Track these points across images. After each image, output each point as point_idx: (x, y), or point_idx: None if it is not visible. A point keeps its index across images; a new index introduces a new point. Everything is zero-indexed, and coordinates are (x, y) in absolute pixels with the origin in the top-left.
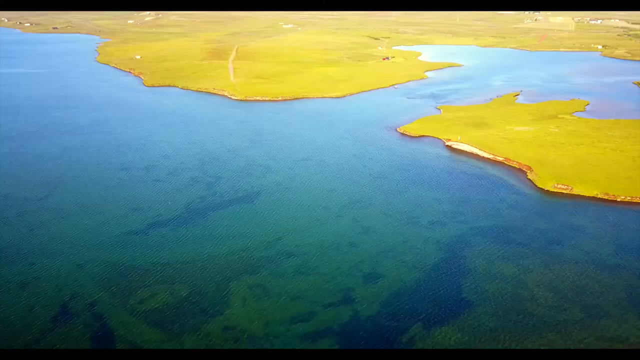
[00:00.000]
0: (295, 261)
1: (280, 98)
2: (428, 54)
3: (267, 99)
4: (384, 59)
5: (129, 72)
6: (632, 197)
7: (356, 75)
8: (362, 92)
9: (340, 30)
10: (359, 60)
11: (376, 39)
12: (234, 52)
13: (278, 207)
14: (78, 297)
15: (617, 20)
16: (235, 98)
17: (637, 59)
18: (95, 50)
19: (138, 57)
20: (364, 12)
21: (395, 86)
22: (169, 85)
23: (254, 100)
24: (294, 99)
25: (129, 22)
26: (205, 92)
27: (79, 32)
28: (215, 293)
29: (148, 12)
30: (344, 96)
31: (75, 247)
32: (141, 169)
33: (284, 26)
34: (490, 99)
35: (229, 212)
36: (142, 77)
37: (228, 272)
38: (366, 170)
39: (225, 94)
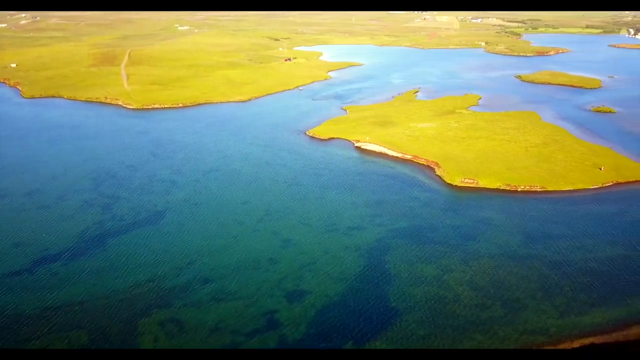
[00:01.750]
0: (211, 287)
1: (180, 105)
2: (329, 53)
3: (166, 106)
4: (286, 60)
5: (3, 82)
6: (531, 186)
7: (259, 77)
8: (267, 94)
9: (239, 32)
10: (261, 62)
11: (276, 39)
12: (126, 57)
13: (187, 227)
14: None
15: (495, 19)
16: (131, 107)
17: (515, 54)
18: None
19: (13, 65)
20: (261, 12)
21: (300, 88)
22: (53, 96)
23: (152, 108)
24: (196, 105)
25: (1, 25)
26: (96, 102)
27: None
28: (121, 335)
29: (24, 14)
30: (249, 100)
31: None
32: (23, 195)
33: (179, 28)
34: (392, 97)
35: (131, 238)
36: (20, 88)
37: (135, 308)
38: (280, 178)
39: (120, 103)
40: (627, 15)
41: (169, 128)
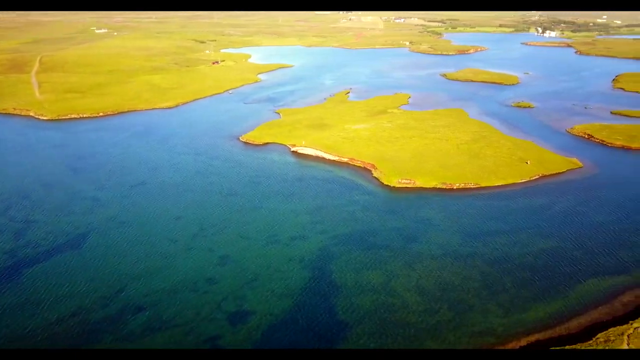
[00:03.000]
0: (145, 316)
1: (101, 114)
2: (257, 55)
3: (85, 116)
4: (213, 63)
5: None
6: (465, 183)
7: (186, 82)
8: (196, 99)
9: (163, 34)
10: (188, 66)
11: (202, 42)
12: (37, 64)
13: (114, 250)
14: None
15: (416, 19)
16: (45, 118)
17: (438, 52)
18: None
19: None
20: (185, 15)
21: (230, 91)
22: None
23: (70, 118)
24: (118, 113)
25: None
26: (3, 113)
27: None
28: None
29: None
30: (177, 106)
31: None
32: None
33: (96, 31)
34: (325, 98)
35: (50, 267)
36: None
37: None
38: (214, 189)
39: (31, 114)
40: (535, 15)
41: (90, 140)
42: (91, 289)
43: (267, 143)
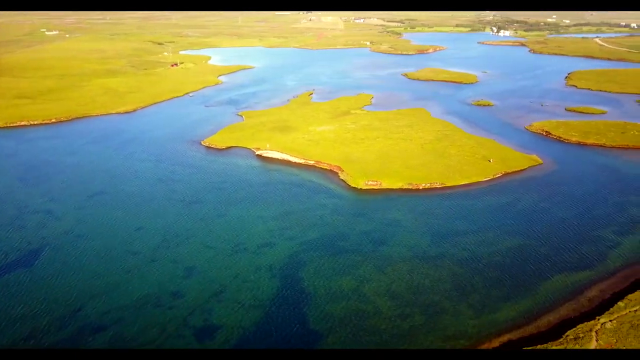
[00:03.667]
0: (106, 336)
1: (54, 120)
2: (218, 57)
3: (37, 122)
4: (172, 65)
5: None
6: (431, 183)
7: (144, 85)
8: (155, 103)
9: (118, 36)
10: (145, 69)
11: (160, 43)
12: None
13: (71, 266)
14: None
15: (376, 19)
16: None
17: (399, 52)
18: None
19: None
20: (141, 15)
21: (191, 94)
22: None
23: (19, 126)
24: (72, 119)
25: None
26: None
27: None
28: None
29: None
30: (135, 110)
31: None
32: None
33: (47, 33)
34: (288, 100)
35: (0, 287)
36: None
37: None
38: (177, 196)
39: None
40: (489, 15)
41: (43, 148)
42: (46, 309)
43: (231, 147)
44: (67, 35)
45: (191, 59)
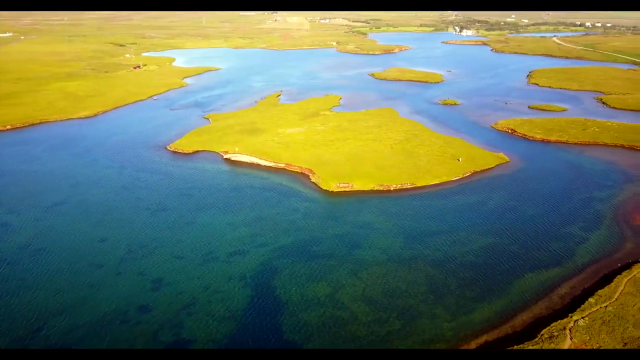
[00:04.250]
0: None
1: (9, 127)
2: (182, 59)
3: None
4: (135, 68)
5: None
6: (402, 184)
7: (106, 89)
8: (117, 107)
9: (76, 37)
10: (106, 72)
11: (121, 45)
12: None
13: (29, 282)
14: None
15: (341, 19)
16: None
17: (365, 52)
18: None
19: None
20: (100, 16)
21: (154, 97)
22: None
23: None
24: (30, 125)
25: None
26: None
27: None
28: None
29: None
30: (96, 115)
31: None
32: None
33: (0, 35)
34: (256, 101)
35: None
36: None
37: None
38: (142, 204)
39: None
40: (451, 15)
41: None
42: (3, 329)
43: (198, 151)
44: (22, 37)
45: (154, 61)
